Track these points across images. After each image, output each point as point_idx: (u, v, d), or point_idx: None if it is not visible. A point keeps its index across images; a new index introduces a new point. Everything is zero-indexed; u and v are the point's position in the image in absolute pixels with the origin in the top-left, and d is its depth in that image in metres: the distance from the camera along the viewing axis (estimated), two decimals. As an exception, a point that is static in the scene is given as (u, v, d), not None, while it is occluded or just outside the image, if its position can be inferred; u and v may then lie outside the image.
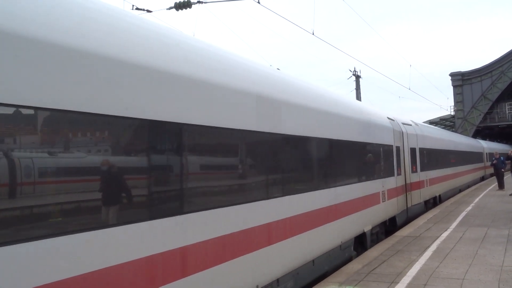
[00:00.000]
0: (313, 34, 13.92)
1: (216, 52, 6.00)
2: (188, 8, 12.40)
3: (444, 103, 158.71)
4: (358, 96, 32.42)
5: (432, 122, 58.42)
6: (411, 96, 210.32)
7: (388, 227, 13.01)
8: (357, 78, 32.87)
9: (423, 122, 27.11)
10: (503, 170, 25.14)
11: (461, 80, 61.98)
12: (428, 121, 57.78)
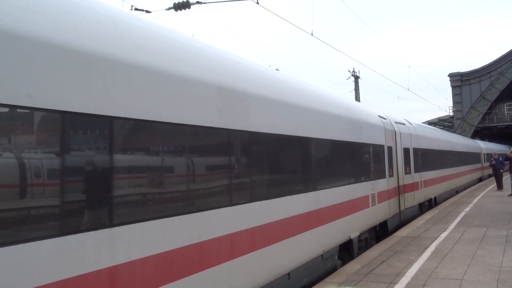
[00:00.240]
0: (312, 35, 13.98)
1: (161, 33, 5.08)
2: (187, 9, 12.43)
3: (443, 104, 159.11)
4: (357, 97, 32.44)
5: (431, 123, 58.50)
6: (410, 97, 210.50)
7: (379, 232, 12.29)
8: (356, 79, 32.86)
9: (422, 123, 27.10)
10: (502, 171, 25.18)
11: (460, 81, 62.15)
12: (427, 122, 57.85)
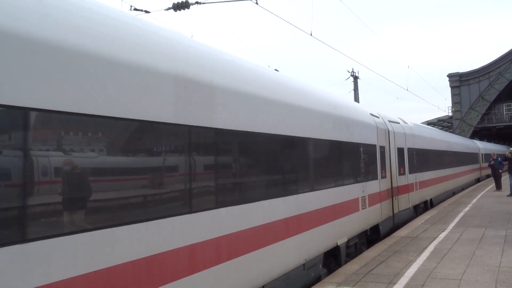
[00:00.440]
0: (311, 35, 13.98)
1: (88, 7, 4.26)
2: (186, 9, 12.43)
3: (442, 104, 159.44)
4: (356, 97, 32.45)
5: (430, 123, 58.58)
6: (409, 97, 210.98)
7: (371, 236, 11.60)
8: (355, 79, 32.88)
9: (421, 123, 27.09)
10: (501, 171, 25.22)
11: (459, 81, 62.19)
12: (426, 122, 57.94)
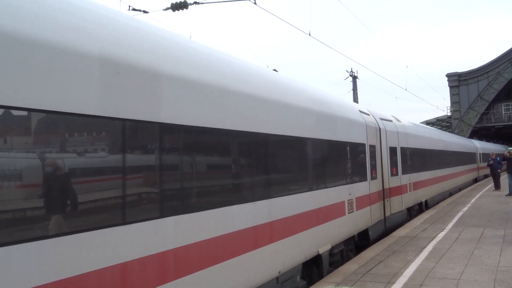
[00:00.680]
0: (310, 35, 13.98)
1: None
2: (185, 9, 12.41)
3: (441, 104, 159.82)
4: (355, 97, 32.50)
5: (429, 123, 58.62)
6: (408, 97, 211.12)
7: (360, 242, 10.87)
8: (354, 79, 32.96)
9: (420, 123, 27.07)
10: (500, 171, 25.24)
11: (458, 81, 62.30)
12: (425, 122, 57.98)
